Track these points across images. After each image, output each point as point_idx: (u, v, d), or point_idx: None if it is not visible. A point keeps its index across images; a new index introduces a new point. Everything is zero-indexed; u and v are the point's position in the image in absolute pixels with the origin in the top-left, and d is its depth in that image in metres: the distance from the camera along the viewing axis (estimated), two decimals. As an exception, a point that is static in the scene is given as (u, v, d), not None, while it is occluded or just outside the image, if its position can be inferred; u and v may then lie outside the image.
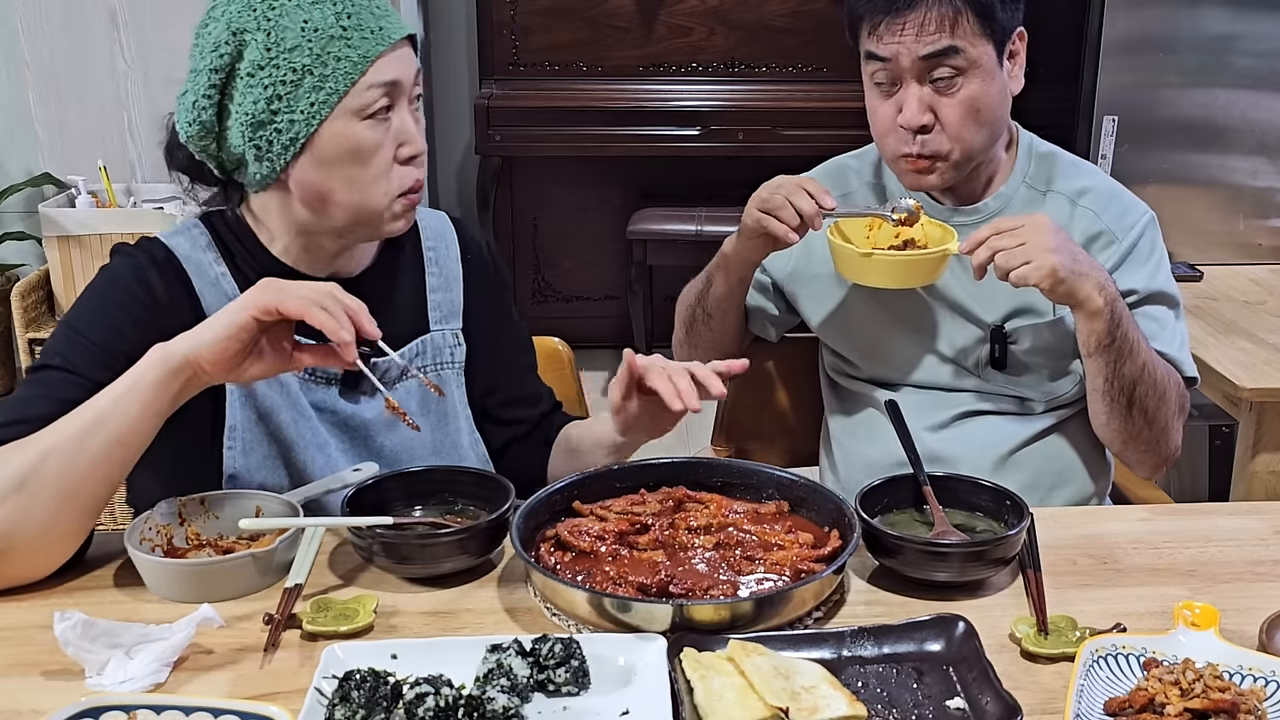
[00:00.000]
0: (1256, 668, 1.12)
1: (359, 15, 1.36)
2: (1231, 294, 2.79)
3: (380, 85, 1.36)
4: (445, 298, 1.57)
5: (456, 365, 1.57)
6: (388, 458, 1.51)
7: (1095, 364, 1.58)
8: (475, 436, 1.59)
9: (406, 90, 1.40)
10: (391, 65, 1.37)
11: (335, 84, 1.35)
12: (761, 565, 1.30)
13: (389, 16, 1.39)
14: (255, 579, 1.30)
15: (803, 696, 1.06)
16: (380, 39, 1.36)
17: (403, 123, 1.40)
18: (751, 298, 1.85)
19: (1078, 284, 1.51)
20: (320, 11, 1.35)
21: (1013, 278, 1.50)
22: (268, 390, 1.43)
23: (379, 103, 1.37)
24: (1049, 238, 1.50)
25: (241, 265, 1.45)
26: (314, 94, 1.34)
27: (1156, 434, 1.63)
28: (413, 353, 1.53)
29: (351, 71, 1.35)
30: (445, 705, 1.04)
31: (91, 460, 1.26)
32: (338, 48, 1.34)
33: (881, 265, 1.60)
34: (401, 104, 1.40)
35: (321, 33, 1.34)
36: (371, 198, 1.39)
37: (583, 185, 4.63)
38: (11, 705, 1.12)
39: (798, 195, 1.59)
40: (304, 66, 1.34)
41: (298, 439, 1.45)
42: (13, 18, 3.35)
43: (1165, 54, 3.04)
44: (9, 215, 3.52)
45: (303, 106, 1.35)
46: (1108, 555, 1.40)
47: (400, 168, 1.40)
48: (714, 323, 1.83)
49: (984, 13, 1.58)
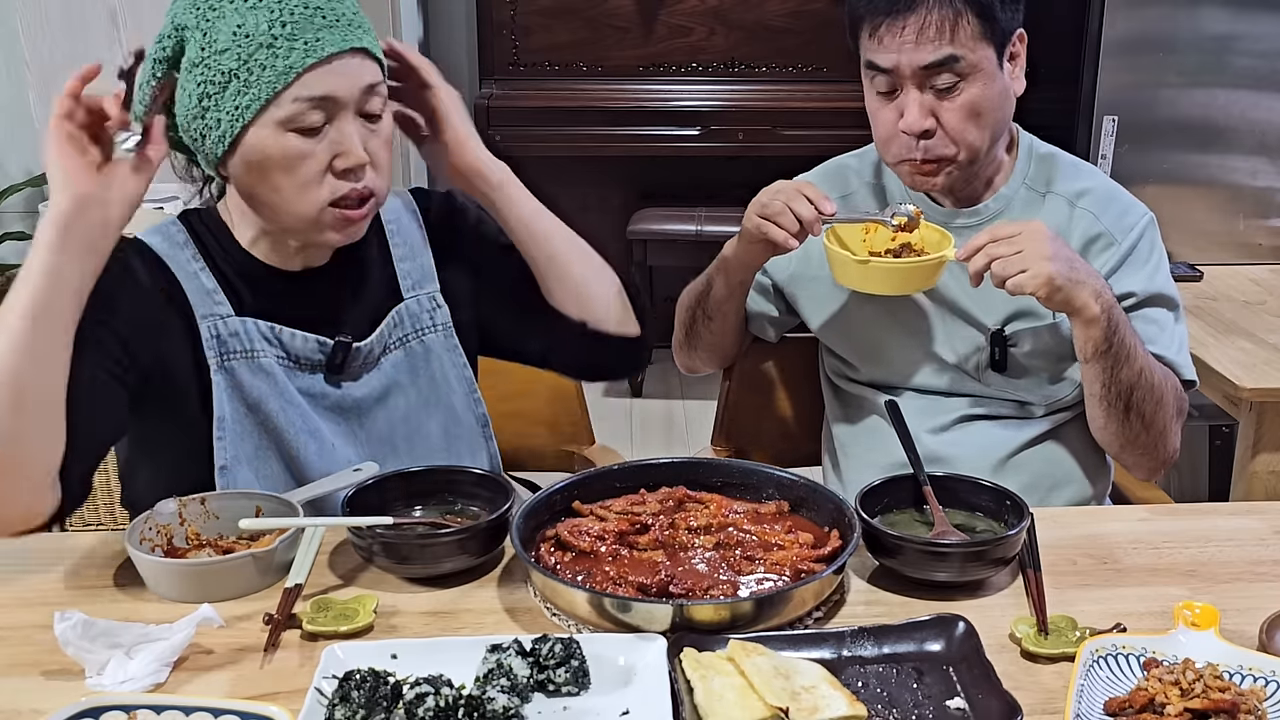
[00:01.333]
0: (1256, 668, 1.12)
1: (296, 25, 1.32)
2: (1231, 294, 2.79)
3: (308, 99, 1.33)
4: (413, 265, 1.57)
5: (440, 327, 1.57)
6: (381, 434, 1.52)
7: (1092, 370, 1.58)
8: (475, 397, 1.59)
9: (347, 104, 1.35)
10: (325, 80, 1.33)
11: (258, 92, 1.32)
12: (761, 565, 1.30)
13: (334, 28, 1.34)
14: (255, 579, 1.30)
15: (803, 696, 1.06)
16: (312, 51, 1.32)
17: (341, 135, 1.35)
18: (752, 300, 1.85)
19: (1074, 291, 1.50)
20: (255, 17, 1.32)
21: (1009, 286, 1.50)
22: (254, 381, 1.44)
23: (308, 117, 1.33)
24: (1046, 245, 1.49)
25: (217, 260, 1.46)
26: (238, 98, 1.33)
27: (1154, 438, 1.63)
28: (390, 325, 1.53)
29: (275, 82, 1.32)
30: (445, 705, 1.04)
31: (11, 345, 1.22)
32: (264, 56, 1.32)
33: (878, 272, 1.60)
34: (342, 117, 1.35)
35: (251, 39, 1.32)
36: (297, 205, 1.38)
37: (583, 185, 4.62)
38: (11, 705, 1.12)
39: (797, 201, 1.59)
40: (231, 70, 1.33)
41: (288, 426, 1.45)
42: (13, 18, 3.35)
43: (1165, 54, 3.03)
44: (9, 215, 3.52)
45: (228, 109, 1.34)
46: (1108, 555, 1.40)
47: (335, 179, 1.37)
48: (714, 325, 1.83)
49: (984, 15, 1.58)
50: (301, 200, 1.37)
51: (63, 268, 1.25)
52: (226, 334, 1.43)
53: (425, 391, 1.55)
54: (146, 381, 1.39)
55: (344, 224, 1.40)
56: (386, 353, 1.52)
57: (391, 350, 1.53)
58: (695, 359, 1.92)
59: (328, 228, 1.40)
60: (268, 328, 1.45)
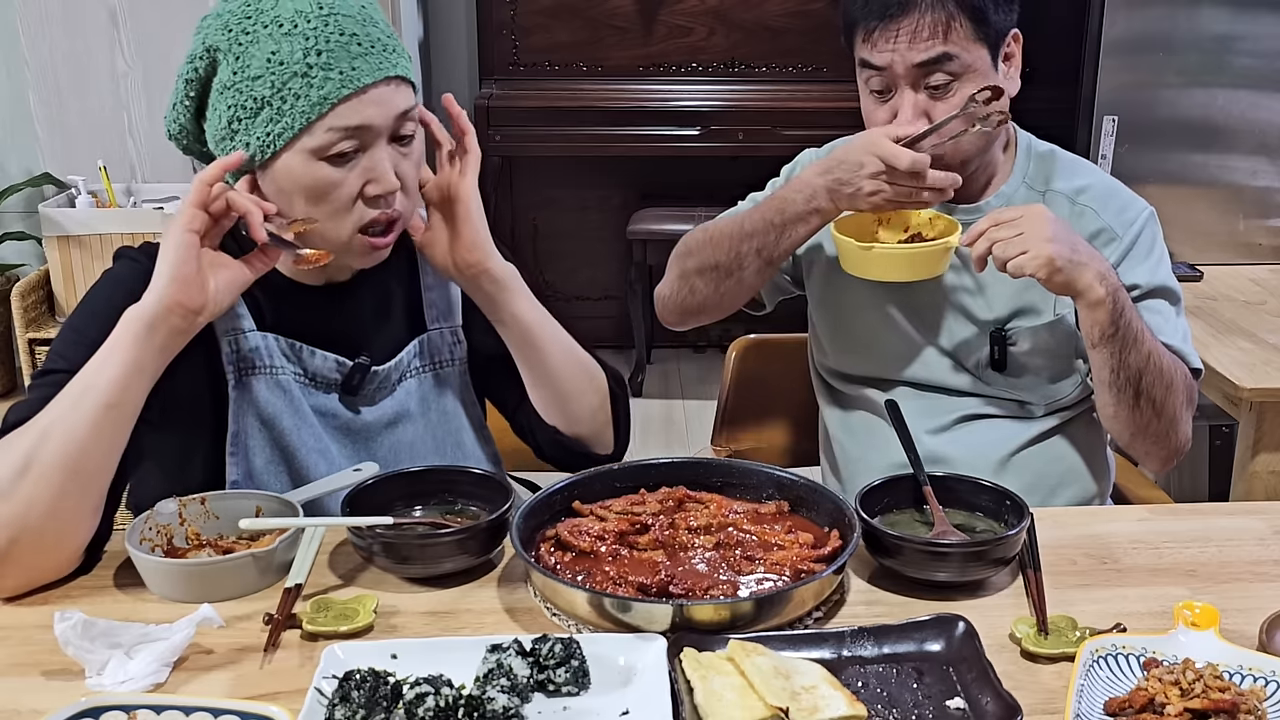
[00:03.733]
0: (1256, 668, 1.12)
1: (331, 54, 1.31)
2: (1231, 294, 2.79)
3: (342, 130, 1.32)
4: (440, 295, 1.56)
5: (457, 363, 1.56)
6: (388, 460, 1.51)
7: (1100, 355, 1.57)
8: (484, 434, 1.59)
9: (381, 132, 1.34)
10: (359, 110, 1.32)
11: (291, 121, 1.31)
12: (761, 565, 1.30)
13: (369, 56, 1.33)
14: (255, 579, 1.30)
15: (803, 696, 1.06)
16: (347, 82, 1.31)
17: (373, 162, 1.34)
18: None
19: (1076, 273, 1.50)
20: (290, 45, 1.30)
21: (1010, 268, 1.50)
22: (270, 396, 1.43)
23: (339, 146, 1.32)
24: (1046, 227, 1.50)
25: None
26: (270, 125, 1.32)
27: (1165, 425, 1.62)
28: (410, 354, 1.53)
29: (309, 112, 1.31)
30: (445, 705, 1.04)
31: (86, 428, 1.26)
32: (298, 85, 1.31)
33: (883, 259, 1.60)
34: (376, 145, 1.35)
35: (286, 67, 1.31)
36: (326, 231, 1.37)
37: (583, 185, 4.63)
38: (11, 705, 1.12)
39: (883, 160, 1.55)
40: (263, 98, 1.32)
41: (300, 444, 1.45)
42: (13, 17, 3.35)
43: (1165, 54, 3.04)
44: (9, 215, 3.52)
45: (258, 134, 1.33)
46: (1108, 555, 1.40)
47: (364, 205, 1.36)
48: (748, 276, 1.71)
49: (977, 17, 1.58)
50: (331, 227, 1.37)
51: (145, 363, 1.28)
52: (246, 349, 1.42)
53: (435, 424, 1.54)
54: (164, 399, 1.37)
55: (370, 250, 1.40)
56: (403, 380, 1.52)
57: (408, 379, 1.52)
58: (689, 312, 1.82)
59: (355, 253, 1.40)
60: (288, 344, 1.44)
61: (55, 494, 1.25)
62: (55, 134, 3.45)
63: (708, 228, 1.77)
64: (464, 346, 1.57)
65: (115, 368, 1.27)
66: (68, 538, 1.30)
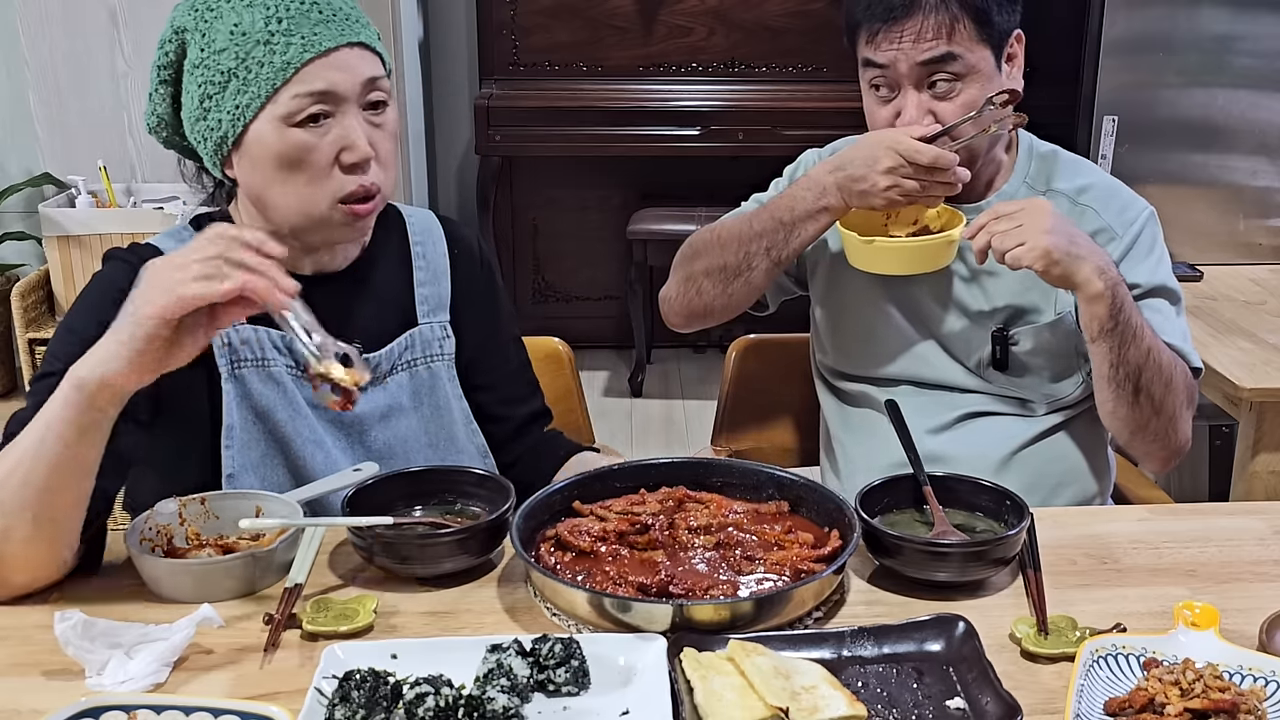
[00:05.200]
0: (1256, 668, 1.12)
1: (293, 20, 1.33)
2: (1231, 294, 2.79)
3: (308, 94, 1.33)
4: (432, 291, 1.57)
5: (446, 357, 1.57)
6: (382, 452, 1.51)
7: (1099, 349, 1.57)
8: (472, 428, 1.59)
9: (349, 97, 1.35)
10: (324, 73, 1.34)
11: (258, 90, 1.33)
12: (761, 565, 1.30)
13: (331, 23, 1.35)
14: (255, 579, 1.30)
15: (803, 696, 1.06)
16: (309, 46, 1.33)
17: (346, 129, 1.35)
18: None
19: (1074, 266, 1.50)
20: (251, 15, 1.33)
21: (1008, 259, 1.50)
22: (264, 389, 1.44)
23: (308, 110, 1.33)
24: (1045, 220, 1.50)
25: None
26: (238, 97, 1.34)
27: (1165, 423, 1.62)
28: (401, 346, 1.53)
29: (273, 78, 1.33)
30: (445, 705, 1.04)
31: (46, 478, 1.22)
32: (261, 53, 1.32)
33: (888, 252, 1.60)
34: (346, 110, 1.35)
35: (249, 37, 1.33)
36: (308, 203, 1.37)
37: (583, 185, 4.63)
38: (11, 705, 1.12)
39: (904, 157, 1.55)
40: (230, 70, 1.33)
41: (295, 436, 1.45)
42: (13, 17, 3.36)
43: (1165, 54, 3.04)
44: (9, 215, 3.52)
45: (229, 108, 1.35)
46: (1108, 555, 1.40)
47: (341, 174, 1.37)
48: (756, 276, 1.70)
49: (981, 18, 1.59)
50: (310, 197, 1.37)
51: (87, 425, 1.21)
52: (238, 342, 1.43)
53: (428, 417, 1.55)
54: (156, 396, 1.36)
55: (352, 219, 1.40)
56: (394, 372, 1.52)
57: (399, 371, 1.53)
58: (695, 314, 1.82)
59: (337, 225, 1.40)
60: (279, 336, 1.45)
61: (27, 530, 1.23)
62: (55, 134, 3.45)
63: (714, 229, 1.77)
64: (452, 341, 1.58)
65: (57, 442, 1.21)
66: (49, 564, 1.28)
